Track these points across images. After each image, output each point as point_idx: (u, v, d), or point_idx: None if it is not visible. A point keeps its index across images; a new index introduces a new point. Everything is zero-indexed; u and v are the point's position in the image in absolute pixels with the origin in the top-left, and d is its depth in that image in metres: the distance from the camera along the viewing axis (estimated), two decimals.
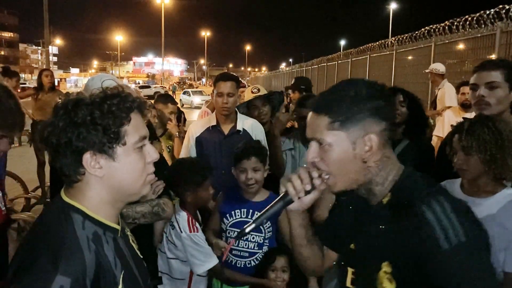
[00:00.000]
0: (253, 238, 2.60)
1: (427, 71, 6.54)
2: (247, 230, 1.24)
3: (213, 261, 2.40)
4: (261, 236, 2.60)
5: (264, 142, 3.11)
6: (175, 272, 2.49)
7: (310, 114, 1.24)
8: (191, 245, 2.39)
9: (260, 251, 2.59)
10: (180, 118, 7.82)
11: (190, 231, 2.40)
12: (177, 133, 4.05)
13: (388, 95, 1.22)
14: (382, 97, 1.19)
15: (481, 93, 2.15)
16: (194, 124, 3.44)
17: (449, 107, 5.93)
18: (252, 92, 3.83)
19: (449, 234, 1.06)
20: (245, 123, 3.22)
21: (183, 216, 2.43)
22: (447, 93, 5.88)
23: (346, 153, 1.17)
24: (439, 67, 6.33)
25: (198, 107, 23.33)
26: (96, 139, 1.08)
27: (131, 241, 1.28)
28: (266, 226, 2.59)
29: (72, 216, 1.10)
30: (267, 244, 2.62)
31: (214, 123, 3.20)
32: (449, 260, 1.06)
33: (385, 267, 1.16)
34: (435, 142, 4.96)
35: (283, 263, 2.47)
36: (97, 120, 1.08)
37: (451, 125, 2.06)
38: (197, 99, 28.39)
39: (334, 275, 1.43)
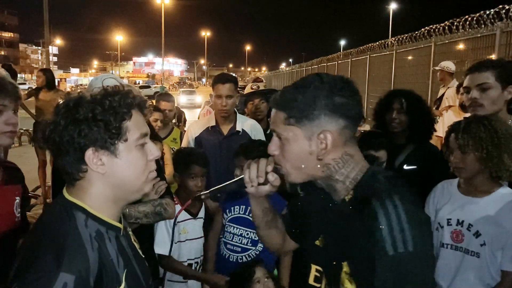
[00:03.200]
0: (247, 234, 2.58)
1: (437, 68, 6.42)
2: (202, 196, 1.35)
3: (163, 249, 2.49)
4: (255, 233, 2.58)
5: None
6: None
7: (273, 109, 1.24)
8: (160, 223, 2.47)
9: (254, 248, 2.57)
10: (181, 118, 7.80)
11: None
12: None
13: (352, 92, 1.17)
14: (343, 94, 1.14)
15: (473, 96, 2.16)
16: (193, 124, 3.45)
17: (450, 107, 5.93)
18: (252, 88, 3.89)
19: (397, 240, 1.04)
20: (245, 124, 3.22)
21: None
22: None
23: (302, 149, 1.16)
24: (450, 65, 6.26)
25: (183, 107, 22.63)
26: (98, 135, 1.08)
27: (133, 240, 1.28)
28: None
29: (75, 214, 1.10)
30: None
31: (213, 123, 3.20)
32: (391, 266, 1.04)
33: (345, 267, 1.15)
34: (434, 142, 4.96)
35: (263, 271, 2.41)
36: (98, 116, 1.08)
37: (448, 126, 2.07)
38: (183, 99, 26.24)
39: None
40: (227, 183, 1.33)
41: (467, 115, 2.72)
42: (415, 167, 2.64)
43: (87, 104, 1.10)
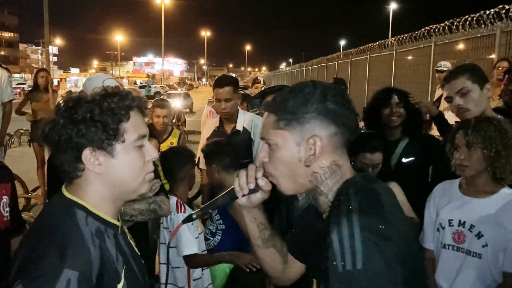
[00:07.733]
0: (208, 225, 2.79)
1: (445, 69, 6.28)
2: (194, 216, 1.27)
3: (192, 249, 2.49)
4: (213, 226, 2.76)
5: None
6: (173, 261, 2.58)
7: (264, 113, 1.20)
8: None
9: (213, 239, 2.73)
10: (180, 118, 7.79)
11: (178, 212, 2.55)
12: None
13: (346, 101, 1.13)
14: (336, 101, 1.11)
15: (457, 103, 2.22)
16: (206, 126, 3.58)
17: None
18: (260, 88, 3.98)
19: (346, 258, 0.97)
20: (245, 120, 3.30)
21: (172, 199, 2.55)
22: None
23: (290, 155, 1.12)
24: (450, 65, 6.24)
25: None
26: (95, 135, 1.10)
27: (129, 238, 1.30)
28: (215, 218, 2.74)
29: (75, 211, 1.12)
30: (220, 234, 2.72)
31: (218, 124, 3.33)
32: (342, 284, 0.97)
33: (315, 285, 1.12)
34: None
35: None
36: (96, 117, 1.10)
37: (455, 122, 2.07)
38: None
39: None
40: (218, 197, 1.27)
41: None
42: (413, 158, 2.71)
43: (85, 104, 1.12)
